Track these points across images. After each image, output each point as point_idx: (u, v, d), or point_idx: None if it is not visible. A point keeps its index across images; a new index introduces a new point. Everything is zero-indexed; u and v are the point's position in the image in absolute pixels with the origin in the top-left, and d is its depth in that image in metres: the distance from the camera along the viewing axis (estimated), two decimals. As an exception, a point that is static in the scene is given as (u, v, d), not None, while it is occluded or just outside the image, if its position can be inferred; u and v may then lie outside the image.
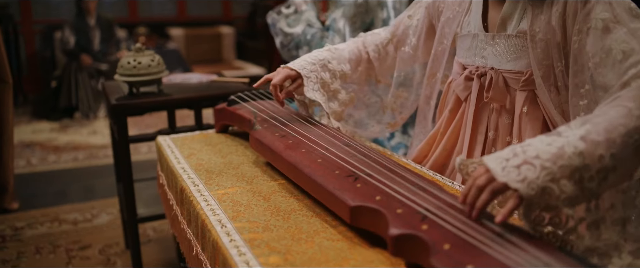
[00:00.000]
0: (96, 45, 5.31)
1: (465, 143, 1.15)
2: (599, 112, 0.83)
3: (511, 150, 0.79)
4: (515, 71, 1.09)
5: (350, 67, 1.36)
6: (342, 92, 1.36)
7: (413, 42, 1.32)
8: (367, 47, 1.39)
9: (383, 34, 1.40)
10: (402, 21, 1.36)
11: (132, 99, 1.82)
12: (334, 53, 1.35)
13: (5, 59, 2.81)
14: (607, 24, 0.93)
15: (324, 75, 1.31)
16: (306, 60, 1.33)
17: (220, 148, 1.50)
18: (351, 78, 1.37)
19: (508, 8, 1.08)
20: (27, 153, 3.99)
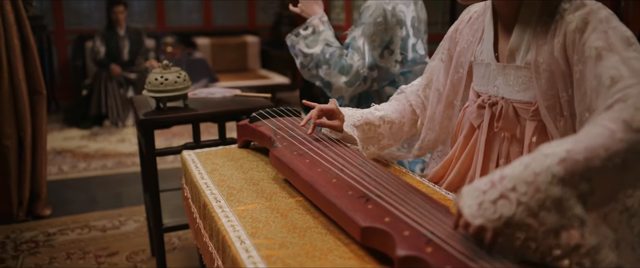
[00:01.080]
0: (125, 55, 5.46)
1: (478, 171, 1.19)
2: (580, 134, 0.85)
3: (489, 180, 0.81)
4: (524, 101, 1.12)
5: (397, 116, 1.42)
6: (385, 139, 1.40)
7: (441, 79, 1.37)
8: (409, 97, 1.44)
9: (420, 82, 1.45)
10: (436, 65, 1.41)
11: (159, 114, 1.90)
12: (379, 108, 1.42)
13: (40, 70, 2.94)
14: (600, 52, 0.95)
15: (370, 116, 1.37)
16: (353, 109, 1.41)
17: (241, 164, 1.56)
18: (397, 126, 1.41)
19: (515, 40, 1.12)
20: (58, 160, 4.13)
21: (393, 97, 1.51)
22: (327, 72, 1.84)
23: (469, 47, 1.26)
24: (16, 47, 2.79)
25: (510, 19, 1.14)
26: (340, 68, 1.82)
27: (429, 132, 1.42)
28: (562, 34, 1.03)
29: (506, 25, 1.16)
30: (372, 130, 1.40)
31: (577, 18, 1.01)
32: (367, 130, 1.39)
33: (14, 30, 2.77)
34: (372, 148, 1.43)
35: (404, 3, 1.89)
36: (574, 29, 1.01)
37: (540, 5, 1.09)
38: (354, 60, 1.82)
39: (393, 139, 1.45)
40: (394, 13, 1.85)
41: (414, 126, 1.48)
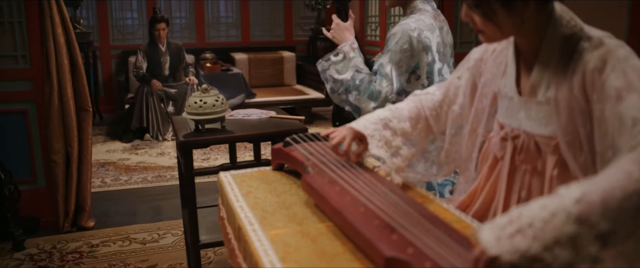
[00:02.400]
0: (166, 70, 5.65)
1: (500, 202, 1.22)
2: (599, 176, 0.88)
3: (508, 217, 0.85)
4: (546, 136, 1.14)
5: (410, 124, 1.46)
6: (404, 148, 1.45)
7: (461, 101, 1.40)
8: (424, 107, 1.48)
9: (437, 94, 1.48)
10: (452, 82, 1.44)
11: (198, 136, 1.99)
12: (394, 112, 1.46)
13: (87, 89, 3.09)
14: (620, 93, 0.98)
15: (386, 133, 1.41)
16: (368, 120, 1.44)
17: (275, 187, 1.63)
18: (412, 135, 1.46)
19: (536, 76, 1.15)
20: (101, 172, 4.30)
21: (410, 99, 1.54)
22: (356, 98, 1.90)
23: (493, 79, 1.30)
24: (66, 68, 2.95)
25: (531, 55, 1.18)
26: (370, 94, 1.88)
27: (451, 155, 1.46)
28: (581, 72, 1.06)
29: (528, 61, 1.19)
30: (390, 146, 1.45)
31: (596, 57, 1.04)
32: (387, 148, 1.45)
33: (64, 52, 2.93)
34: (397, 160, 1.47)
35: (429, 29, 1.94)
36: (592, 69, 1.04)
37: (561, 42, 1.12)
38: (382, 87, 1.87)
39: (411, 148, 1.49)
40: (419, 39, 1.90)
41: (428, 136, 1.51)
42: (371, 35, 6.49)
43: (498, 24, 1.11)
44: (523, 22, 1.11)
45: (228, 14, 7.30)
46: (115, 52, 6.73)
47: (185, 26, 7.10)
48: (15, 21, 2.91)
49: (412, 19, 1.95)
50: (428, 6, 2.02)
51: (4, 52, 2.94)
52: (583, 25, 1.13)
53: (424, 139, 1.49)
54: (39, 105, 3.02)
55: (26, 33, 2.93)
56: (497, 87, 1.28)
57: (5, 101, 2.96)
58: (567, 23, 1.13)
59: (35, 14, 2.90)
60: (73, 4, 5.78)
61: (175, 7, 7.04)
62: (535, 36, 1.15)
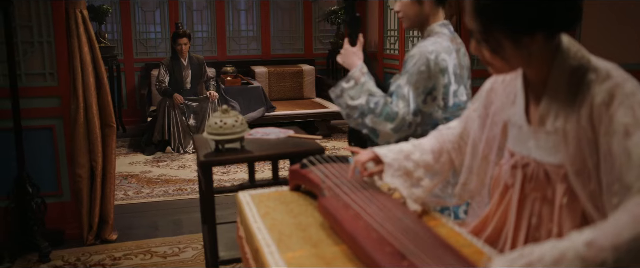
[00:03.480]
0: (187, 84, 5.75)
1: (511, 229, 1.25)
2: (609, 220, 0.91)
3: (519, 252, 0.88)
4: (555, 164, 1.16)
5: (433, 157, 1.49)
6: (426, 180, 1.48)
7: (475, 132, 1.44)
8: (446, 141, 1.51)
9: (457, 128, 1.52)
10: (469, 115, 1.47)
11: (218, 156, 2.05)
12: (417, 146, 1.50)
13: (111, 105, 3.19)
14: (628, 129, 1.00)
15: (407, 164, 1.45)
16: (391, 149, 1.48)
17: (292, 208, 1.67)
18: (434, 167, 1.49)
19: (544, 106, 1.17)
20: (124, 185, 4.40)
21: (432, 134, 1.58)
22: (373, 121, 1.93)
23: (503, 108, 1.33)
24: (91, 85, 3.04)
25: (540, 86, 1.20)
26: (387, 115, 1.92)
27: (465, 183, 1.49)
28: (588, 105, 1.08)
29: (536, 91, 1.22)
30: (410, 177, 1.48)
31: (603, 91, 1.06)
32: (406, 178, 1.48)
33: (89, 70, 3.03)
34: (417, 191, 1.51)
35: (446, 51, 1.97)
36: (600, 103, 1.06)
37: (568, 74, 1.14)
38: (399, 108, 1.91)
39: (433, 180, 1.52)
40: (436, 62, 1.93)
41: (451, 168, 1.54)
42: (390, 48, 6.53)
43: (505, 57, 1.15)
44: (530, 55, 1.14)
45: (249, 28, 7.42)
46: (138, 65, 6.88)
47: (207, 40, 7.23)
48: (45, 41, 3.02)
49: (429, 42, 1.99)
50: (445, 29, 2.05)
51: (33, 70, 3.05)
52: (590, 57, 1.16)
53: (446, 172, 1.53)
54: (66, 121, 3.12)
55: (54, 52, 3.04)
56: (507, 115, 1.31)
57: (34, 117, 3.07)
58: (575, 55, 1.15)
59: (63, 33, 3.00)
60: (98, 19, 5.94)
61: (197, 20, 7.18)
62: (543, 68, 1.17)
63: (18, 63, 2.98)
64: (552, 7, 1.08)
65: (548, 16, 1.09)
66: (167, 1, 6.94)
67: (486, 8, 1.11)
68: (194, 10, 7.16)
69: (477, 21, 1.14)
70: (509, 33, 1.11)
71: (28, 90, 3.02)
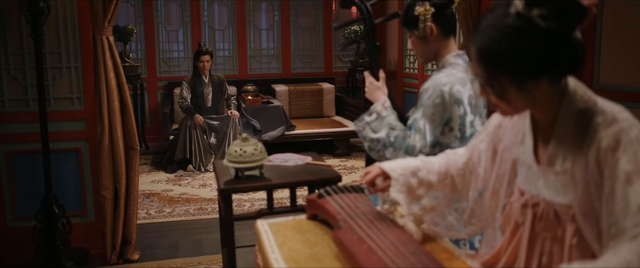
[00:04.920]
0: (208, 102, 5.85)
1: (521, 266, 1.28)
2: (601, 258, 0.93)
3: None
4: (564, 205, 1.18)
5: (437, 178, 1.52)
6: (425, 199, 1.51)
7: (484, 164, 1.46)
8: (452, 166, 1.54)
9: (463, 157, 1.54)
10: (476, 146, 1.49)
11: (237, 183, 2.11)
12: (425, 163, 1.52)
13: (135, 129, 3.28)
14: (629, 176, 1.02)
15: (412, 180, 1.49)
16: (398, 164, 1.51)
17: (308, 237, 1.72)
18: (436, 188, 1.52)
19: (553, 148, 1.19)
20: (146, 204, 4.48)
21: (441, 156, 1.61)
22: (393, 154, 1.97)
23: (512, 146, 1.35)
24: (116, 109, 3.14)
25: (547, 127, 1.22)
26: (405, 149, 1.96)
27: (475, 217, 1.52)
28: (595, 148, 1.10)
29: (544, 132, 1.24)
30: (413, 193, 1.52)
31: (609, 136, 1.08)
32: (409, 194, 1.52)
33: (115, 94, 3.13)
34: (415, 207, 1.54)
35: (460, 83, 2.00)
36: (606, 147, 1.08)
37: (575, 116, 1.15)
38: (416, 141, 1.95)
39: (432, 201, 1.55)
40: (451, 93, 1.97)
41: (453, 193, 1.56)
42: (409, 67, 6.56)
43: (510, 101, 1.17)
44: (535, 98, 1.16)
45: (270, 46, 7.53)
46: (161, 83, 7.02)
47: (228, 58, 7.35)
48: (72, 66, 3.13)
49: (443, 74, 2.03)
50: (460, 60, 2.09)
51: (61, 94, 3.16)
52: (596, 99, 1.17)
53: (448, 196, 1.55)
54: (91, 144, 3.21)
55: (81, 77, 3.15)
56: (515, 154, 1.33)
57: (61, 140, 3.17)
58: (581, 97, 1.17)
59: (90, 59, 3.11)
60: (123, 39, 6.10)
61: (219, 38, 7.31)
62: (549, 110, 1.19)
63: (47, 87, 3.09)
64: (556, 52, 1.10)
65: (552, 61, 1.11)
66: (190, 21, 7.09)
67: (490, 54, 1.14)
68: (216, 30, 7.30)
69: (481, 66, 1.17)
70: (513, 78, 1.13)
71: (56, 113, 3.13)
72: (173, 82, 6.77)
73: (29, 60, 3.06)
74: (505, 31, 1.12)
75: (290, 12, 7.46)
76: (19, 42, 3.05)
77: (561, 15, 1.08)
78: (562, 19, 1.08)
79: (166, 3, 7.07)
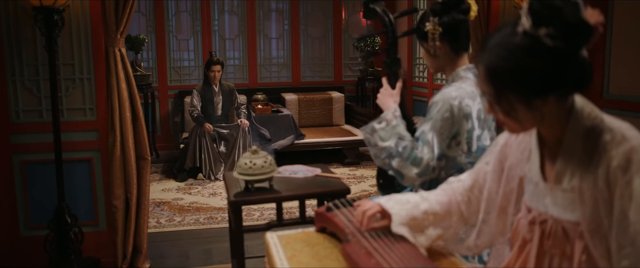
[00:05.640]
0: (219, 110, 5.89)
1: (529, 284, 1.28)
2: None
3: None
4: (572, 221, 1.18)
5: (440, 208, 1.52)
6: (431, 229, 1.51)
7: (488, 185, 1.47)
8: (456, 193, 1.53)
9: (467, 181, 1.53)
10: (482, 168, 1.50)
11: (247, 196, 2.13)
12: (425, 198, 1.53)
13: (146, 139, 3.31)
14: None
15: (415, 212, 1.48)
16: (397, 200, 1.51)
17: (317, 250, 1.73)
18: (441, 218, 1.52)
19: (560, 165, 1.20)
20: (157, 212, 4.52)
21: (441, 187, 1.61)
22: (400, 164, 1.98)
23: (519, 163, 1.36)
24: (128, 120, 3.18)
25: (554, 144, 1.22)
26: (413, 160, 1.96)
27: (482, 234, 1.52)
28: (605, 166, 1.10)
29: (551, 149, 1.24)
30: (418, 224, 1.52)
31: (620, 155, 1.08)
32: (413, 225, 1.52)
33: (126, 105, 3.17)
34: (421, 238, 1.54)
35: (469, 97, 2.01)
36: (616, 166, 1.08)
37: (583, 134, 1.16)
38: (424, 153, 1.96)
39: (440, 229, 1.55)
40: (460, 107, 1.97)
41: (461, 220, 1.56)
42: (419, 76, 6.57)
43: (518, 118, 1.18)
44: (542, 116, 1.17)
45: (279, 55, 7.57)
46: (172, 92, 7.08)
47: (239, 67, 7.40)
48: (85, 77, 3.18)
49: (453, 87, 2.03)
50: (470, 73, 2.09)
51: (74, 105, 3.20)
52: (603, 117, 1.18)
53: (455, 224, 1.54)
54: (103, 154, 3.25)
55: (94, 88, 3.19)
56: (522, 171, 1.34)
57: (73, 150, 3.21)
58: (588, 115, 1.18)
59: (103, 71, 3.16)
60: (135, 48, 6.16)
61: (229, 47, 7.37)
62: (557, 127, 1.20)
63: (60, 98, 3.14)
64: (563, 70, 1.10)
65: (559, 79, 1.12)
66: (200, 30, 7.15)
67: (498, 72, 1.15)
68: (226, 39, 7.36)
69: (489, 84, 1.18)
70: (521, 96, 1.14)
71: (69, 124, 3.18)
72: (184, 91, 6.83)
73: (43, 72, 3.11)
74: (512, 50, 1.13)
75: (300, 22, 7.51)
76: (34, 54, 3.11)
77: (568, 34, 1.09)
78: (569, 38, 1.09)
79: (177, 13, 7.14)
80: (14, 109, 3.14)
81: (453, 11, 2.02)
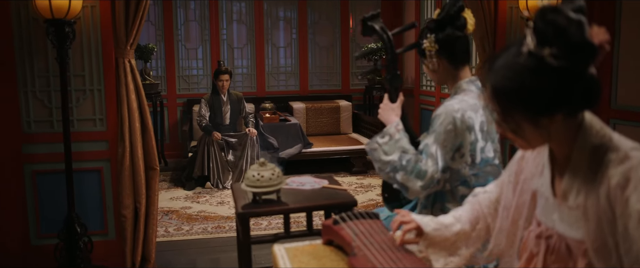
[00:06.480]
0: (227, 119, 5.93)
1: (535, 296, 1.29)
2: None
3: None
4: (577, 239, 1.19)
5: (470, 226, 1.55)
6: (463, 249, 1.54)
7: (506, 196, 1.49)
8: (482, 205, 1.56)
9: (493, 193, 1.57)
10: (504, 180, 1.53)
11: (255, 207, 2.15)
12: (457, 219, 1.56)
13: (155, 149, 3.34)
14: None
15: (447, 234, 1.52)
16: (433, 220, 1.55)
17: (324, 263, 1.74)
18: (471, 236, 1.55)
19: (567, 182, 1.21)
20: (165, 221, 4.54)
21: (468, 200, 1.64)
22: (404, 177, 1.99)
23: (533, 177, 1.37)
24: (137, 130, 3.21)
25: (563, 161, 1.24)
26: (417, 173, 1.98)
27: (496, 244, 1.54)
28: (606, 185, 1.11)
29: (561, 166, 1.25)
30: (450, 247, 1.55)
31: (619, 174, 1.09)
32: (445, 248, 1.54)
33: (136, 116, 3.20)
34: (454, 259, 1.56)
35: (472, 109, 2.02)
36: (615, 185, 1.09)
37: (590, 152, 1.17)
38: (428, 166, 1.97)
39: (469, 248, 1.57)
40: (462, 120, 1.99)
41: (487, 233, 1.59)
42: (426, 84, 6.58)
43: (526, 137, 1.20)
44: (550, 134, 1.19)
45: (287, 63, 7.61)
46: (180, 100, 7.13)
47: (247, 76, 7.44)
48: (95, 89, 3.22)
49: (456, 100, 2.05)
50: (472, 86, 2.11)
51: (84, 116, 3.24)
52: (612, 135, 1.18)
53: (483, 237, 1.58)
54: (113, 164, 3.29)
55: (104, 99, 3.23)
56: (535, 185, 1.35)
57: (83, 160, 3.25)
58: (597, 133, 1.18)
59: (113, 82, 3.20)
60: (144, 57, 6.22)
61: (237, 56, 7.41)
62: (565, 144, 1.21)
63: (71, 109, 3.18)
64: (569, 89, 1.11)
65: (565, 98, 1.12)
66: (209, 39, 7.21)
67: (504, 92, 1.17)
68: (235, 48, 7.41)
69: (496, 104, 1.20)
70: (527, 115, 1.16)
71: (79, 134, 3.21)
72: (192, 99, 6.88)
73: (54, 83, 3.16)
74: (517, 70, 1.14)
75: (307, 30, 7.55)
76: (45, 65, 3.15)
77: (572, 53, 1.09)
78: (574, 58, 1.10)
79: (186, 22, 7.20)
80: (25, 120, 3.18)
81: (448, 27, 2.04)
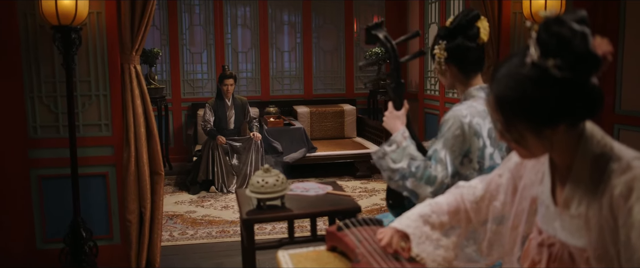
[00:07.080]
0: (231, 124, 5.94)
1: (537, 306, 1.30)
2: None
3: None
4: (579, 247, 1.19)
5: (449, 217, 1.56)
6: (443, 239, 1.54)
7: (502, 198, 1.48)
8: (465, 200, 1.56)
9: (479, 188, 1.56)
10: (493, 179, 1.53)
11: (259, 213, 2.16)
12: (434, 207, 1.56)
13: (160, 154, 3.36)
14: None
15: (425, 229, 1.52)
16: (409, 218, 1.55)
17: (328, 269, 1.75)
18: (450, 225, 1.55)
19: (569, 191, 1.21)
20: (170, 225, 4.56)
21: (450, 191, 1.64)
22: (414, 184, 2.00)
23: (532, 184, 1.38)
24: (142, 135, 3.23)
25: (565, 170, 1.24)
26: (427, 179, 1.98)
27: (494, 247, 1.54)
28: (609, 195, 1.12)
29: (562, 174, 1.26)
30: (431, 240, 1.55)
31: (622, 184, 1.10)
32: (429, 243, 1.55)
33: (141, 121, 3.22)
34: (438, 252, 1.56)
35: (480, 116, 2.03)
36: (618, 195, 1.10)
37: (591, 161, 1.17)
38: (438, 171, 1.97)
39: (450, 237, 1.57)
40: (470, 125, 2.00)
41: (468, 223, 1.59)
42: (430, 89, 6.59)
43: (528, 146, 1.20)
44: (552, 143, 1.19)
45: (291, 67, 7.63)
46: (185, 104, 7.16)
47: (251, 80, 7.47)
48: (101, 94, 3.25)
49: (464, 106, 2.06)
50: (482, 92, 2.11)
51: (90, 121, 3.27)
52: (614, 145, 1.19)
53: (464, 227, 1.58)
54: (118, 169, 3.31)
55: (109, 104, 3.25)
56: (535, 192, 1.36)
57: (89, 165, 3.27)
58: (598, 142, 1.19)
59: (118, 87, 3.22)
60: (149, 61, 6.25)
61: (242, 60, 7.44)
62: (566, 154, 1.22)
63: (77, 114, 3.20)
64: (572, 100, 1.12)
65: (568, 109, 1.13)
66: (213, 43, 7.24)
67: (507, 102, 1.17)
68: (239, 52, 7.43)
69: (499, 113, 1.21)
70: (530, 125, 1.16)
71: (85, 139, 3.24)
72: (197, 104, 6.90)
73: (60, 89, 3.18)
74: (521, 80, 1.15)
75: (312, 34, 7.57)
76: (51, 71, 3.18)
77: (576, 65, 1.10)
78: (577, 69, 1.10)
79: (191, 26, 7.23)
80: (31, 125, 3.21)
81: (459, 36, 2.05)
